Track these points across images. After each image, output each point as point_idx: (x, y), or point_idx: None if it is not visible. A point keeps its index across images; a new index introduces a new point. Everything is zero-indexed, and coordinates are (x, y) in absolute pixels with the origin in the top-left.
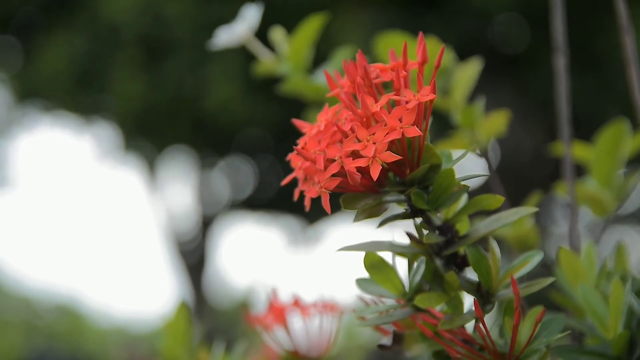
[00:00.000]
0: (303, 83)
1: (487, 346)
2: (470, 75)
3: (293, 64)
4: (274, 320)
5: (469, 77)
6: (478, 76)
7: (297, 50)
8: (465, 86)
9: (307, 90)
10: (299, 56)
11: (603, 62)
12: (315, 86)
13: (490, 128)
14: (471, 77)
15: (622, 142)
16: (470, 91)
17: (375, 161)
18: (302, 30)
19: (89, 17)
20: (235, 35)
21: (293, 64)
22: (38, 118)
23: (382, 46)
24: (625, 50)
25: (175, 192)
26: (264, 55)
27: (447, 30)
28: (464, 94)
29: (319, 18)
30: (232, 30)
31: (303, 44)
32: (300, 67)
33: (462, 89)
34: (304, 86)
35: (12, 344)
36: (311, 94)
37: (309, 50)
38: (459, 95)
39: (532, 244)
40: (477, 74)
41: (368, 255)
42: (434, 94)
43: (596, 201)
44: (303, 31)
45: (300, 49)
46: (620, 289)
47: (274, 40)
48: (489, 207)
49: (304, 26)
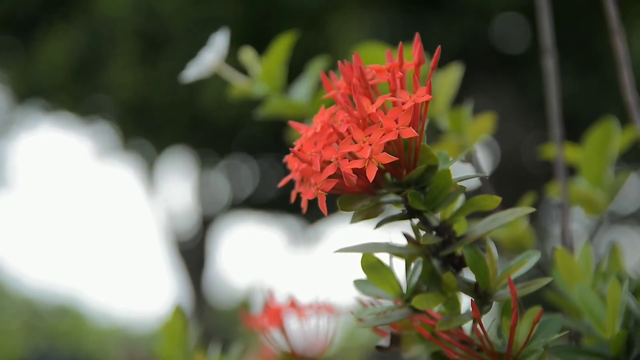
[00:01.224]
0: (280, 103)
1: (485, 347)
2: (451, 81)
3: (268, 85)
4: (271, 321)
5: (450, 82)
6: (478, 76)
7: (270, 71)
8: (447, 92)
9: (285, 110)
10: (273, 77)
11: (603, 62)
12: (293, 104)
13: (477, 131)
14: (452, 82)
15: (611, 141)
16: (454, 96)
17: (372, 162)
18: (274, 50)
19: (86, 13)
20: (205, 65)
21: (268, 85)
22: (38, 118)
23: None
24: (616, 51)
25: (175, 191)
26: (237, 79)
27: (447, 30)
28: (446, 99)
29: (289, 37)
30: (201, 61)
31: (276, 64)
32: (275, 88)
33: (444, 94)
34: (281, 106)
35: (13, 345)
36: (289, 112)
37: (283, 69)
38: (442, 100)
39: (526, 245)
40: (459, 78)
41: (365, 257)
42: (430, 95)
43: (588, 201)
44: (275, 51)
45: (274, 69)
46: (618, 288)
47: (244, 61)
48: (485, 207)
49: (275, 46)
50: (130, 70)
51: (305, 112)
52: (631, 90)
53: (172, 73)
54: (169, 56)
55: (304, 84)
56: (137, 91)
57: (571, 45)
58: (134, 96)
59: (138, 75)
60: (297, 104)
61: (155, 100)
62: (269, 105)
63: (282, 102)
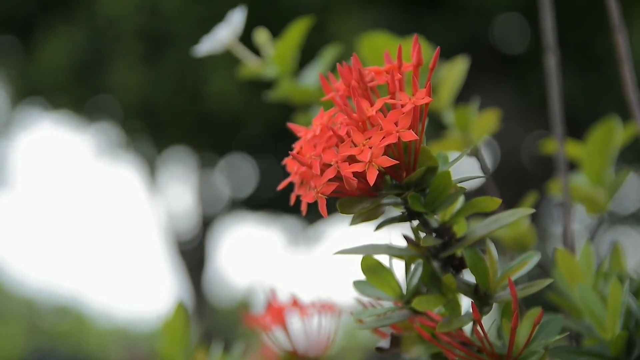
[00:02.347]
0: (290, 87)
1: (485, 348)
2: (457, 74)
3: (279, 68)
4: (273, 320)
5: (456, 75)
6: (478, 76)
7: (283, 54)
8: (452, 85)
9: (294, 94)
10: (285, 60)
11: (604, 61)
12: (302, 89)
13: (482, 127)
14: (458, 75)
15: (613, 140)
16: (459, 90)
17: (372, 166)
18: (289, 33)
19: (87, 13)
20: (219, 40)
21: (280, 68)
22: (38, 117)
23: (366, 47)
24: (618, 49)
25: (176, 192)
26: (250, 59)
27: (447, 30)
28: (451, 93)
29: (305, 21)
30: (215, 36)
31: (289, 47)
32: (286, 71)
33: (449, 87)
34: (291, 90)
35: (14, 345)
36: (298, 97)
37: (295, 54)
38: (446, 94)
39: (528, 244)
40: (464, 72)
41: (365, 258)
42: (430, 97)
43: (589, 199)
44: (289, 35)
45: (287, 52)
46: (619, 289)
47: (258, 42)
48: (486, 209)
49: (290, 29)
50: (132, 69)
51: (314, 98)
52: (632, 87)
53: (175, 72)
54: (171, 55)
55: (315, 70)
56: (140, 91)
57: (572, 45)
58: (137, 96)
59: (141, 74)
60: (307, 89)
61: (158, 100)
62: (280, 88)
63: (292, 86)
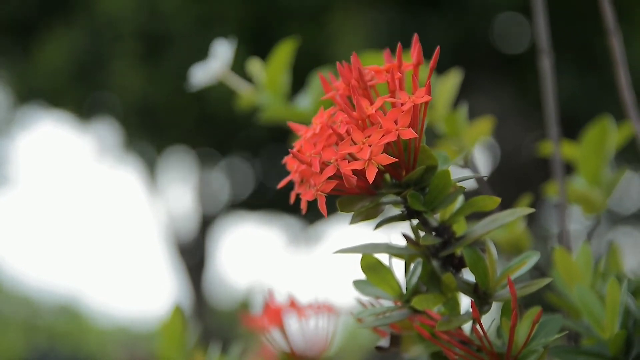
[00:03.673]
0: (283, 110)
1: (485, 347)
2: (450, 87)
3: (271, 91)
4: (271, 321)
5: (450, 89)
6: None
7: (273, 78)
8: (446, 98)
9: (288, 117)
10: (276, 83)
11: (603, 62)
12: (297, 112)
13: (475, 134)
14: (452, 89)
15: (608, 139)
16: (453, 101)
17: (371, 164)
18: (276, 56)
19: (87, 13)
20: (210, 72)
21: (271, 92)
22: (38, 117)
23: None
24: (613, 52)
25: (176, 192)
26: (243, 87)
27: (447, 30)
28: (446, 105)
29: (290, 43)
30: (207, 68)
31: (278, 70)
32: (278, 94)
33: (444, 101)
34: (284, 113)
35: (13, 344)
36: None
37: (286, 76)
38: (441, 107)
39: (524, 247)
40: (457, 85)
41: (365, 257)
42: (429, 95)
43: (586, 200)
44: (277, 57)
45: (276, 75)
46: (617, 289)
47: (251, 71)
48: (485, 208)
49: (277, 52)
50: (132, 69)
51: (309, 120)
52: (627, 89)
53: (175, 72)
54: (171, 55)
55: (308, 95)
56: (140, 91)
57: (571, 46)
58: (137, 96)
59: (140, 74)
60: (300, 112)
61: (158, 100)
62: (271, 111)
63: (284, 108)
